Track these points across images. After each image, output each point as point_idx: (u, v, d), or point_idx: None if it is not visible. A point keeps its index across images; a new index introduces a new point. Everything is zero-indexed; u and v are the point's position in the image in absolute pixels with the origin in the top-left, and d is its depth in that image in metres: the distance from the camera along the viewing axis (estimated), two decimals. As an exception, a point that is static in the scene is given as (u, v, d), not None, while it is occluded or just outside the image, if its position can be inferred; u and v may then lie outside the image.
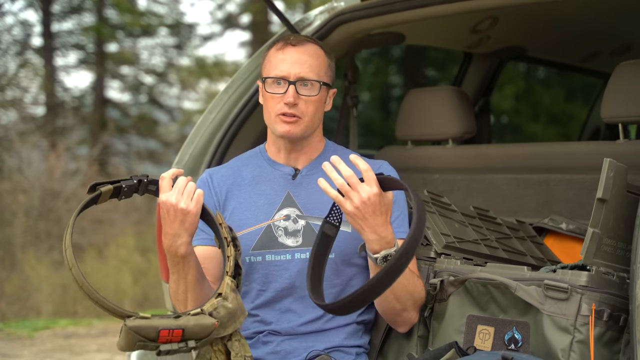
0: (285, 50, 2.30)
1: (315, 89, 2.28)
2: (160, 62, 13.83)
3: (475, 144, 3.62)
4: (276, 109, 2.29)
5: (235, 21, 13.90)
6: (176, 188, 2.06)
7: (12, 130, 10.78)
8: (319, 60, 2.31)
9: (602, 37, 3.92)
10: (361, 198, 2.02)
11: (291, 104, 2.26)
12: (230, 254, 2.02)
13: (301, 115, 2.28)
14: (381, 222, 2.05)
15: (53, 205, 8.99)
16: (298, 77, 2.27)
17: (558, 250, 2.74)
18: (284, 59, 2.29)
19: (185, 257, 2.11)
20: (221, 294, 1.96)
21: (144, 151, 13.25)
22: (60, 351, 5.98)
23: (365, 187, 2.03)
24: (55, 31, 12.85)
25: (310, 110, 2.29)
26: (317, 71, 2.29)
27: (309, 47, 2.31)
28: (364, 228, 2.06)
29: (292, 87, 2.26)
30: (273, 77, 2.29)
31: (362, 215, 2.04)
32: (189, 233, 2.08)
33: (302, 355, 2.27)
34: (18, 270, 8.07)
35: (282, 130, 2.29)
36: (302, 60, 2.28)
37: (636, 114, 2.67)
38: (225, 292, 1.96)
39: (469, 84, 4.13)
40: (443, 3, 2.74)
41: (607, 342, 2.04)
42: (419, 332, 2.34)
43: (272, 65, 2.31)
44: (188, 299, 2.17)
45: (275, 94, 2.28)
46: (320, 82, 2.29)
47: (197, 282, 2.15)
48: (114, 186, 2.07)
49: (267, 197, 2.35)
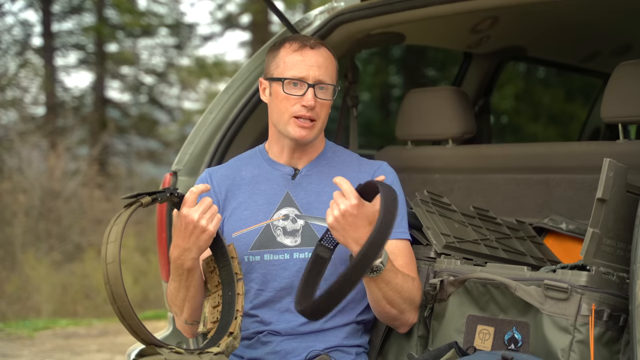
0: (304, 52, 2.30)
1: (330, 93, 2.31)
2: (160, 62, 13.85)
3: (475, 144, 3.62)
4: (291, 110, 2.29)
5: (235, 21, 13.90)
6: (201, 206, 2.08)
7: (12, 130, 10.79)
8: (332, 64, 2.34)
9: (602, 37, 3.92)
10: (340, 209, 2.04)
11: (311, 107, 2.26)
12: (242, 292, 2.09)
13: (317, 118, 2.30)
14: (364, 234, 2.05)
15: (53, 205, 8.99)
16: (317, 80, 2.28)
17: (558, 250, 2.74)
18: (303, 60, 2.29)
19: (190, 271, 2.15)
20: (232, 333, 2.04)
21: (144, 151, 13.25)
22: (60, 351, 5.98)
23: (344, 200, 2.05)
24: (55, 31, 12.86)
25: (324, 114, 2.32)
26: (331, 74, 2.32)
27: (323, 51, 2.33)
28: (347, 240, 2.07)
29: (311, 90, 2.27)
30: (291, 77, 2.28)
31: (342, 226, 2.06)
32: (200, 250, 2.12)
33: (301, 355, 2.27)
34: (18, 270, 8.07)
35: (297, 135, 2.29)
36: (319, 63, 2.29)
37: (636, 114, 2.67)
38: (236, 332, 2.04)
39: (469, 84, 4.13)
40: (443, 3, 2.74)
41: (607, 342, 2.04)
42: (419, 332, 2.34)
43: (289, 66, 2.30)
44: (185, 307, 2.22)
45: (291, 95, 2.28)
46: (335, 87, 2.31)
47: (197, 294, 2.20)
48: (152, 198, 2.07)
49: (266, 197, 2.35)
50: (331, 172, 2.36)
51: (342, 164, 2.40)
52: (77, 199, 9.26)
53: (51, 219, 8.87)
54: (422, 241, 2.46)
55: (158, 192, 2.08)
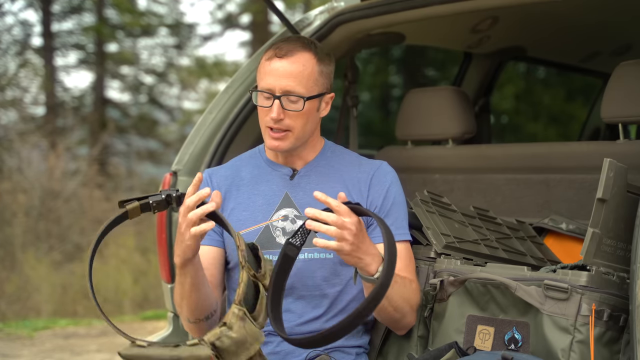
0: (273, 62, 2.23)
1: (301, 104, 2.22)
2: (160, 62, 13.84)
3: (475, 144, 3.62)
4: (264, 120, 2.26)
5: (235, 21, 13.90)
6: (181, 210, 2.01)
7: (12, 130, 10.78)
8: (307, 70, 2.23)
9: (602, 37, 3.92)
10: (352, 232, 2.00)
11: (276, 120, 2.22)
12: (242, 280, 1.96)
13: (289, 129, 2.24)
14: (368, 243, 2.06)
15: (53, 205, 8.99)
16: (284, 91, 2.21)
17: (558, 250, 2.74)
18: (271, 70, 2.23)
19: (182, 269, 2.11)
20: (226, 323, 1.89)
21: (144, 151, 13.24)
22: (60, 351, 5.98)
23: (348, 220, 1.99)
24: (55, 31, 12.85)
25: (299, 123, 2.25)
26: (305, 83, 2.23)
27: (298, 56, 2.23)
28: (360, 257, 2.05)
29: (277, 103, 2.21)
30: (260, 90, 2.26)
31: (357, 246, 2.03)
32: (185, 253, 2.05)
33: (302, 356, 2.27)
34: (18, 270, 8.07)
35: (271, 145, 2.27)
36: (288, 72, 2.21)
37: (636, 114, 2.67)
38: (230, 322, 1.89)
39: (469, 84, 4.13)
40: (443, 3, 2.74)
41: (607, 342, 2.04)
42: (419, 332, 2.34)
43: (260, 76, 2.27)
44: (183, 305, 2.18)
45: (262, 107, 2.26)
46: (304, 98, 2.22)
47: (192, 292, 2.14)
48: (140, 203, 2.04)
49: (265, 198, 2.35)
50: (330, 172, 2.35)
51: (342, 163, 2.39)
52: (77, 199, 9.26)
53: (51, 219, 8.86)
54: (422, 241, 2.46)
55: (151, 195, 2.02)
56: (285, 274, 2.09)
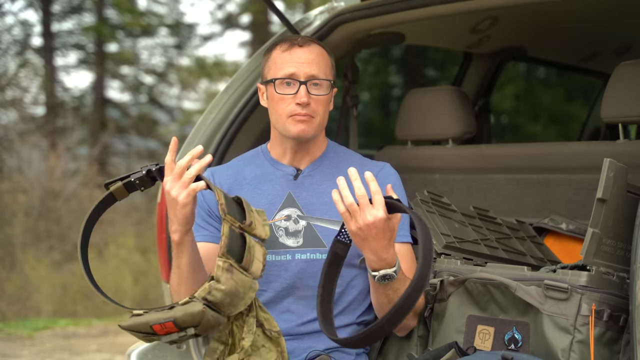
0: (293, 51, 2.30)
1: (325, 88, 2.29)
2: (160, 62, 13.83)
3: (475, 144, 3.62)
4: (287, 110, 2.27)
5: (235, 21, 13.89)
6: (170, 174, 2.01)
7: (12, 130, 10.78)
8: (325, 60, 2.32)
9: (602, 37, 3.92)
10: (366, 220, 2.01)
11: (304, 104, 2.25)
12: (224, 233, 1.95)
13: (314, 115, 2.28)
14: (383, 246, 2.05)
15: (53, 205, 8.98)
16: (309, 76, 2.27)
17: (558, 250, 2.74)
18: (292, 58, 2.28)
19: (179, 246, 2.08)
20: (213, 277, 1.91)
21: (144, 151, 13.23)
22: (60, 351, 5.98)
23: (372, 211, 2.01)
24: (55, 31, 12.84)
25: (321, 110, 2.29)
26: (325, 70, 2.31)
27: (314, 47, 2.32)
28: (365, 248, 2.06)
29: (303, 87, 2.25)
30: (282, 77, 2.28)
31: (365, 236, 2.03)
32: (180, 223, 2.03)
33: (302, 356, 2.27)
34: (18, 270, 8.06)
35: (297, 130, 2.27)
36: (310, 59, 2.28)
37: (636, 114, 2.67)
38: (217, 274, 1.90)
39: (469, 84, 4.13)
40: (443, 3, 2.74)
41: (607, 342, 2.04)
42: (419, 332, 2.34)
43: (279, 66, 2.29)
44: (181, 290, 2.14)
45: (285, 95, 2.27)
46: (330, 81, 2.30)
47: (190, 273, 2.12)
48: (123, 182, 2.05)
49: (268, 197, 2.35)
50: (333, 172, 2.35)
51: (345, 164, 2.38)
52: (77, 199, 9.25)
53: (51, 219, 8.86)
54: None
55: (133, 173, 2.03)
56: (335, 273, 2.11)
